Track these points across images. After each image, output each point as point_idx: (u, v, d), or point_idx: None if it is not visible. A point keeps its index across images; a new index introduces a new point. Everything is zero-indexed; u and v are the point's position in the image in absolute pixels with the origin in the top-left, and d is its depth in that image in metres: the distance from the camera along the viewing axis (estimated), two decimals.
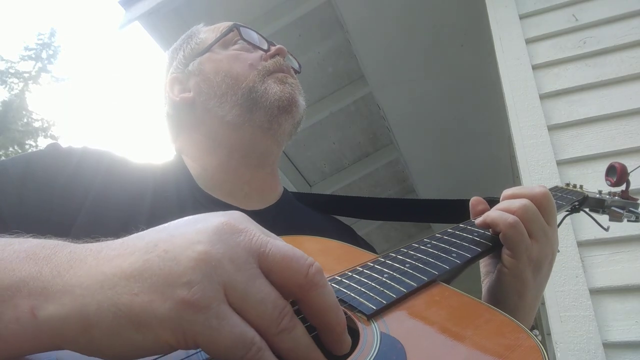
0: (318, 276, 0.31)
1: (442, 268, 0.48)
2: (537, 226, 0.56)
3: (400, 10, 2.64)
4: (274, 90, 0.72)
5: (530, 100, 1.65)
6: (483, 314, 0.41)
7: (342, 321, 0.32)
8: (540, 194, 0.58)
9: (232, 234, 0.30)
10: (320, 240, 0.60)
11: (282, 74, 0.76)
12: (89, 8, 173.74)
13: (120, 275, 0.28)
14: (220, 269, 0.28)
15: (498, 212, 0.56)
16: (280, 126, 0.74)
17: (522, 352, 0.35)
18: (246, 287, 0.28)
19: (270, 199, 0.77)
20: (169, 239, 0.30)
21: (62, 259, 0.31)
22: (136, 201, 0.62)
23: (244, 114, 0.73)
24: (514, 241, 0.54)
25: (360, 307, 0.40)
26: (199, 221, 0.31)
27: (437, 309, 0.42)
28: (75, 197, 0.59)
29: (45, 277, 0.29)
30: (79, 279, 0.29)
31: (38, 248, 0.32)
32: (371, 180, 3.93)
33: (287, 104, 0.72)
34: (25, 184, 0.58)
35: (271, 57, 0.77)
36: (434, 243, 0.54)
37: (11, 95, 19.67)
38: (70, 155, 0.65)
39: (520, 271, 0.55)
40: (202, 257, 0.28)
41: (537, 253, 0.56)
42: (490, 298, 0.59)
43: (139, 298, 0.27)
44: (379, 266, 0.48)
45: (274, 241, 0.31)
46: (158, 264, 0.28)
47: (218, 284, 0.28)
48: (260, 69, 0.75)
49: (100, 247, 0.31)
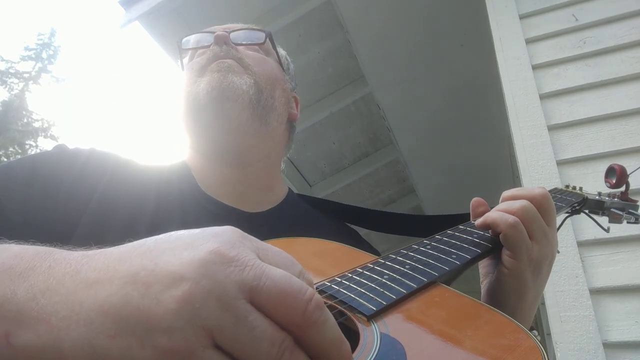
0: (317, 313, 0.28)
1: (441, 269, 0.48)
2: (537, 227, 0.56)
3: (400, 10, 2.64)
4: (202, 86, 0.69)
5: (530, 100, 1.64)
6: (483, 315, 0.41)
7: (346, 353, 0.29)
8: (539, 195, 0.58)
9: (222, 265, 0.27)
10: (319, 242, 0.60)
11: (215, 63, 0.71)
12: (89, 8, 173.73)
13: (97, 310, 0.26)
14: (205, 312, 0.25)
15: (498, 213, 0.56)
16: (227, 117, 0.69)
17: (522, 352, 0.35)
18: (235, 327, 0.26)
19: (272, 200, 0.76)
20: (152, 269, 0.27)
21: (39, 276, 0.29)
22: (140, 203, 0.62)
23: (190, 120, 0.73)
24: (514, 242, 0.54)
25: (360, 308, 0.40)
26: (185, 247, 0.28)
27: (437, 310, 0.42)
28: (80, 198, 0.59)
29: (19, 300, 0.28)
30: (54, 306, 0.27)
31: (16, 261, 0.31)
32: (371, 180, 3.93)
33: (217, 90, 0.67)
34: (31, 184, 0.58)
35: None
36: (434, 244, 0.54)
37: (11, 95, 19.67)
38: (76, 156, 0.65)
39: (521, 272, 0.55)
40: (186, 298, 0.26)
41: (537, 254, 0.56)
42: (490, 299, 0.59)
43: (116, 341, 0.25)
44: (378, 267, 0.48)
45: (269, 271, 0.28)
46: (137, 302, 0.26)
47: (202, 329, 0.25)
48: (196, 70, 0.73)
49: (81, 264, 0.30)
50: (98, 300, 0.27)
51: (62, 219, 0.57)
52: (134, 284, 0.27)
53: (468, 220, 0.64)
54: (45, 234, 0.53)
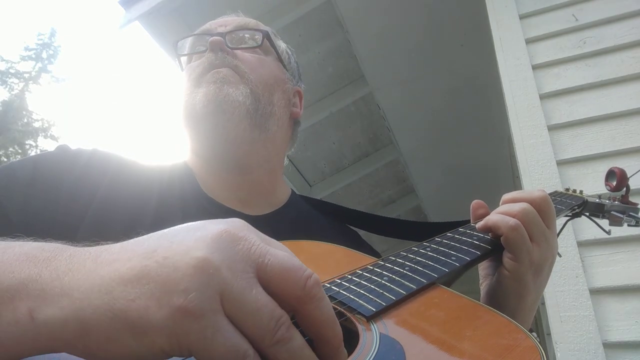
0: (316, 288, 0.30)
1: (441, 271, 0.48)
2: (538, 229, 0.56)
3: (400, 10, 2.64)
4: (198, 97, 0.69)
5: (530, 100, 1.64)
6: (482, 316, 0.41)
7: (338, 334, 0.31)
8: (539, 198, 0.58)
9: (231, 242, 0.30)
10: (321, 245, 0.60)
11: (211, 73, 0.70)
12: (89, 8, 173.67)
13: (117, 280, 0.28)
14: (218, 277, 0.28)
15: (499, 216, 0.56)
16: (225, 129, 0.68)
17: (520, 352, 0.36)
18: (242, 296, 0.28)
19: (274, 204, 0.76)
20: (168, 245, 0.30)
21: (61, 262, 0.31)
22: (141, 205, 0.63)
23: (188, 129, 0.74)
24: (515, 244, 0.54)
25: (359, 309, 0.40)
26: (198, 229, 0.31)
27: (436, 311, 0.43)
28: (81, 199, 0.59)
29: (44, 280, 0.30)
30: (77, 282, 0.29)
31: (38, 251, 0.32)
32: (371, 180, 3.93)
33: (214, 106, 0.67)
34: (32, 186, 0.58)
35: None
36: (434, 247, 0.54)
37: (11, 95, 19.67)
38: (78, 157, 0.65)
39: (522, 274, 0.56)
40: (200, 264, 0.28)
41: (538, 256, 0.56)
42: (490, 300, 0.59)
43: (135, 304, 0.27)
44: (378, 269, 0.49)
45: (273, 251, 0.31)
46: (156, 270, 0.28)
47: (215, 292, 0.27)
48: (192, 78, 0.72)
49: (100, 251, 0.32)
50: (118, 272, 0.29)
51: (63, 220, 0.57)
52: (152, 257, 0.29)
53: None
54: (47, 233, 0.53)
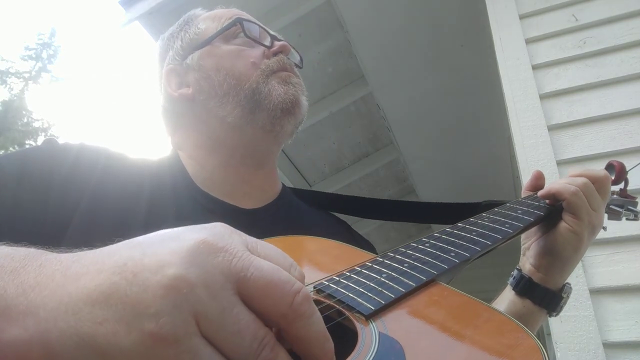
0: (304, 305, 0.28)
1: (440, 267, 0.48)
2: (595, 200, 0.68)
3: (400, 10, 2.64)
4: (278, 91, 0.71)
5: (530, 100, 1.64)
6: (482, 314, 0.41)
7: (329, 353, 0.29)
8: (600, 177, 0.71)
9: (209, 255, 0.27)
10: (318, 240, 0.60)
11: (286, 73, 0.74)
12: (89, 8, 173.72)
13: (85, 300, 0.26)
14: (193, 297, 0.25)
15: (562, 184, 0.68)
16: (283, 127, 0.72)
17: (522, 351, 0.35)
18: (221, 317, 0.26)
19: (269, 197, 0.76)
20: (140, 259, 0.27)
21: (29, 274, 0.29)
22: (132, 200, 0.61)
23: (246, 115, 0.71)
24: (577, 206, 0.66)
25: (358, 308, 0.40)
26: (173, 238, 0.29)
27: (436, 309, 0.42)
28: (71, 196, 0.58)
29: (9, 295, 0.28)
30: (43, 299, 0.27)
31: (7, 260, 0.31)
32: (371, 180, 3.93)
33: (291, 106, 0.71)
34: (20, 183, 0.56)
35: (274, 54, 0.75)
36: (433, 242, 0.54)
37: (11, 95, 19.67)
38: (66, 152, 0.64)
39: (581, 230, 0.66)
40: (173, 283, 0.25)
41: (595, 219, 0.68)
42: (546, 250, 0.69)
43: (103, 328, 0.25)
44: (377, 266, 0.48)
45: (257, 263, 0.28)
46: (124, 289, 0.26)
47: (189, 315, 0.25)
48: (264, 68, 0.72)
49: (71, 261, 0.30)
50: (86, 290, 0.27)
51: (52, 219, 0.55)
52: (121, 273, 0.27)
53: (461, 211, 0.72)
54: (36, 233, 0.51)
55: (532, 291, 0.70)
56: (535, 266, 0.71)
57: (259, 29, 0.78)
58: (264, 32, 0.78)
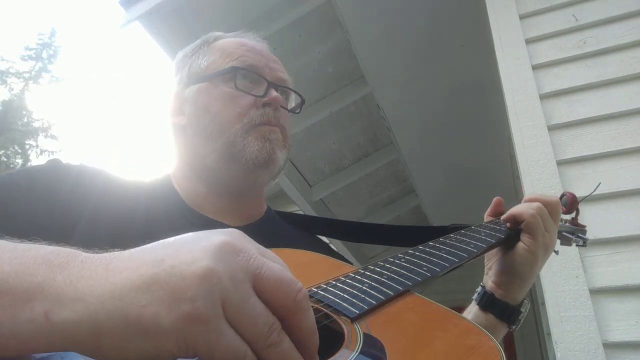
0: (304, 301, 0.34)
1: (414, 280, 0.55)
2: (548, 222, 0.76)
3: (400, 10, 2.64)
4: (252, 148, 0.73)
5: (530, 100, 1.64)
6: (451, 320, 0.48)
7: (316, 343, 0.35)
8: (551, 202, 0.78)
9: (232, 254, 0.33)
10: (306, 254, 0.67)
11: (268, 128, 0.76)
12: (89, 8, 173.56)
13: (129, 287, 0.31)
14: (221, 286, 0.30)
15: (522, 207, 0.75)
16: (257, 179, 0.77)
17: (484, 351, 0.42)
18: (242, 303, 0.31)
19: (254, 216, 0.82)
20: (175, 254, 0.32)
21: (74, 268, 0.33)
22: (129, 215, 0.67)
23: (222, 161, 0.75)
24: (534, 227, 0.73)
25: (344, 311, 0.45)
26: (202, 239, 0.34)
27: (411, 315, 0.49)
28: (73, 212, 0.64)
29: (58, 285, 0.32)
30: (90, 288, 0.31)
31: (53, 255, 0.34)
32: (371, 180, 3.93)
33: (264, 162, 0.74)
34: (32, 192, 0.63)
35: (263, 105, 0.76)
36: (408, 258, 0.62)
37: (11, 95, 19.66)
38: (69, 171, 0.70)
39: (536, 249, 0.73)
40: (205, 273, 0.30)
41: (548, 239, 0.75)
42: (506, 269, 0.76)
43: (147, 309, 0.30)
44: (359, 277, 0.55)
45: (269, 263, 0.34)
46: (165, 278, 0.31)
47: (218, 299, 0.30)
48: (246, 122, 0.75)
49: (110, 259, 0.34)
50: (129, 280, 0.31)
51: (58, 227, 0.61)
52: (160, 266, 0.31)
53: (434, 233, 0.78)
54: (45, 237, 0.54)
55: (493, 306, 0.76)
56: (497, 283, 0.77)
57: (256, 75, 0.79)
58: (260, 78, 0.79)
